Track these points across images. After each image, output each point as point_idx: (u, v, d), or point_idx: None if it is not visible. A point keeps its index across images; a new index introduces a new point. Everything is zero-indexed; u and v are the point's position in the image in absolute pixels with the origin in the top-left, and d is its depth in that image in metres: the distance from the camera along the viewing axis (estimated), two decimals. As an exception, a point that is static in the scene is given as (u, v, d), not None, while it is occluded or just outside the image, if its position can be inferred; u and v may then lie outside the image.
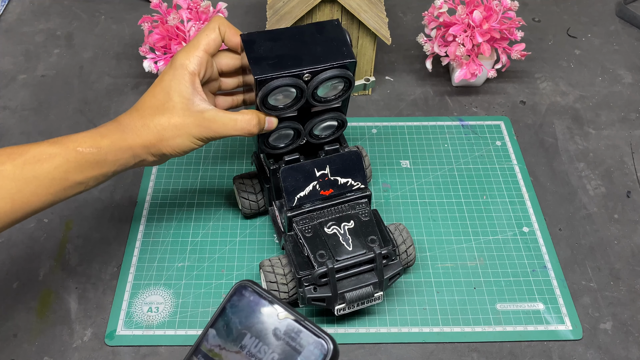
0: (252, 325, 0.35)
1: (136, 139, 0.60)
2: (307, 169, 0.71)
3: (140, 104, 0.62)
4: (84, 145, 0.57)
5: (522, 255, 0.79)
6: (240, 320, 0.35)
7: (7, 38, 1.11)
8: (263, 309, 0.35)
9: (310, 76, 0.64)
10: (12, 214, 0.55)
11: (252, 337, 0.34)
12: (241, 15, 1.16)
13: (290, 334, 0.34)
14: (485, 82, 1.03)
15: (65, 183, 0.56)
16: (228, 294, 0.36)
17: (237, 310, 0.35)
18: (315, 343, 0.34)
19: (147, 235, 0.81)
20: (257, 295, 0.36)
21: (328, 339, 0.34)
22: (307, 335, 0.34)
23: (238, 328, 0.35)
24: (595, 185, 0.89)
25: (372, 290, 0.68)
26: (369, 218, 0.71)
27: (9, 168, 0.53)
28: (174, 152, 0.62)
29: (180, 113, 0.60)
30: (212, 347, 0.34)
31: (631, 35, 1.15)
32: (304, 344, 0.34)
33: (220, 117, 0.61)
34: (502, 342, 0.71)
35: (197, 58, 0.61)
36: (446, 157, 0.91)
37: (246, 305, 0.35)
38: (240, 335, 0.34)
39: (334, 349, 0.34)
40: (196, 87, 0.61)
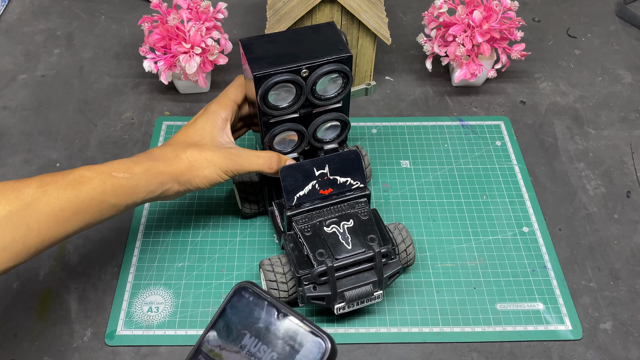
0: (251, 325, 0.35)
1: (167, 167, 0.66)
2: (306, 168, 0.71)
3: (173, 140, 0.69)
4: (119, 171, 0.62)
5: (522, 255, 0.79)
6: (240, 320, 0.35)
7: (7, 38, 1.11)
8: (262, 310, 0.36)
9: (308, 72, 0.65)
10: (56, 232, 0.58)
11: (251, 337, 0.35)
12: (241, 15, 1.17)
13: (289, 333, 0.35)
14: (485, 82, 1.03)
15: (101, 205, 0.61)
16: (228, 295, 0.37)
17: (236, 311, 0.36)
18: (314, 342, 0.34)
19: (147, 235, 0.81)
20: (257, 296, 0.36)
21: (326, 338, 0.35)
22: (305, 334, 0.34)
23: (238, 328, 0.35)
24: (595, 185, 0.89)
25: (372, 289, 0.68)
26: (368, 217, 0.71)
27: (53, 189, 0.58)
28: (201, 182, 0.67)
29: (212, 148, 0.67)
30: (213, 348, 0.35)
31: (631, 35, 1.15)
32: (302, 343, 0.34)
33: (246, 153, 0.69)
34: (502, 342, 0.71)
35: (229, 107, 0.70)
36: (446, 157, 0.91)
37: (246, 306, 0.36)
38: (240, 335, 0.35)
39: (332, 347, 0.34)
40: (226, 130, 0.70)
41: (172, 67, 0.91)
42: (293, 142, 0.72)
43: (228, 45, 0.96)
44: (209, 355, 0.35)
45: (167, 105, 0.99)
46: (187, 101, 0.99)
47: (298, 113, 0.69)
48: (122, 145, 0.92)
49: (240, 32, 1.13)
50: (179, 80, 0.97)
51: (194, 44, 0.89)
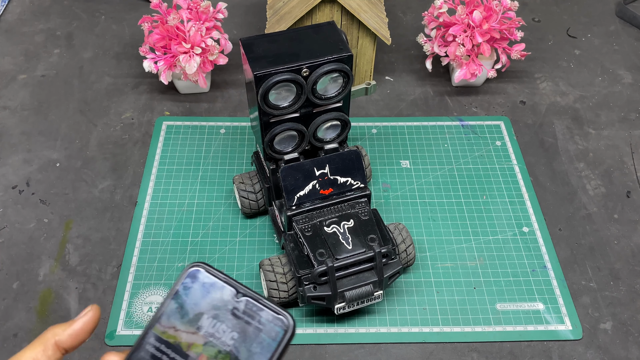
0: (208, 306, 0.34)
1: None
2: (306, 168, 0.71)
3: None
4: None
5: (522, 255, 0.79)
6: (196, 302, 0.34)
7: (7, 38, 1.11)
8: (219, 290, 0.35)
9: (309, 71, 0.65)
10: None
11: (209, 317, 0.34)
12: (241, 15, 1.17)
13: (249, 312, 0.34)
14: (485, 82, 1.03)
15: None
16: (179, 276, 0.36)
17: (190, 292, 0.35)
18: (275, 320, 0.34)
19: (147, 235, 0.81)
20: (212, 276, 0.35)
21: (287, 315, 0.34)
22: (266, 313, 0.34)
23: (193, 309, 0.34)
24: (595, 185, 0.89)
25: (372, 289, 0.68)
26: (368, 217, 0.71)
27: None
28: None
29: None
30: (166, 329, 0.34)
31: (631, 35, 1.15)
32: (263, 322, 0.34)
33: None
34: (502, 342, 0.71)
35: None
36: (446, 157, 0.91)
37: (200, 287, 0.35)
38: (197, 316, 0.34)
39: (293, 324, 0.34)
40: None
41: (172, 67, 0.91)
42: (294, 141, 0.72)
43: (228, 45, 0.96)
44: (162, 338, 0.34)
45: (167, 105, 0.99)
46: (187, 101, 0.99)
47: (298, 112, 0.69)
48: (122, 145, 0.92)
49: (240, 32, 1.13)
50: (179, 80, 0.97)
51: (194, 44, 0.89)
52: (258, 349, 0.33)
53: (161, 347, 0.34)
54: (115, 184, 0.87)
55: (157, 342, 0.34)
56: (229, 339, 0.33)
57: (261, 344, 0.33)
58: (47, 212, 0.84)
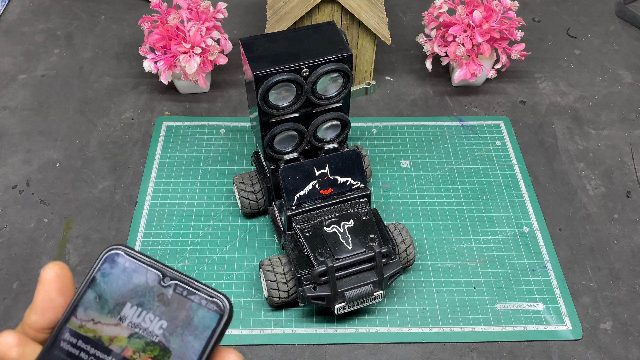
0: (131, 293, 0.31)
1: None
2: (306, 168, 0.71)
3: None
4: None
5: (522, 255, 0.79)
6: (117, 289, 0.31)
7: (7, 38, 1.11)
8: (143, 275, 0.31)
9: (309, 71, 0.65)
10: None
11: (133, 306, 0.30)
12: (241, 15, 1.17)
13: (179, 297, 0.30)
14: (485, 82, 1.03)
15: None
16: (96, 262, 0.32)
17: (110, 278, 0.31)
18: (209, 304, 0.30)
19: (147, 235, 0.81)
20: (134, 259, 0.31)
21: (223, 298, 0.30)
22: (199, 297, 0.30)
23: (115, 298, 0.31)
24: (595, 185, 0.89)
25: (372, 289, 0.68)
26: (368, 217, 0.71)
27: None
28: None
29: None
30: (84, 323, 0.30)
31: (631, 35, 1.14)
32: (195, 307, 0.30)
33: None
34: (502, 342, 0.71)
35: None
36: (446, 157, 0.91)
37: (121, 273, 0.31)
38: (119, 305, 0.30)
39: (230, 308, 0.30)
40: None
41: (172, 67, 0.91)
42: (293, 140, 0.72)
43: (228, 45, 0.96)
44: (79, 332, 0.30)
45: (167, 105, 0.99)
46: (187, 101, 0.99)
47: (298, 112, 0.69)
48: (122, 145, 0.92)
49: (240, 32, 1.13)
50: (179, 80, 0.97)
51: (194, 44, 0.89)
52: (191, 336, 0.30)
53: (78, 343, 0.30)
54: (115, 184, 0.87)
55: (73, 337, 0.30)
56: (158, 329, 0.30)
57: (194, 331, 0.30)
58: (47, 212, 0.84)
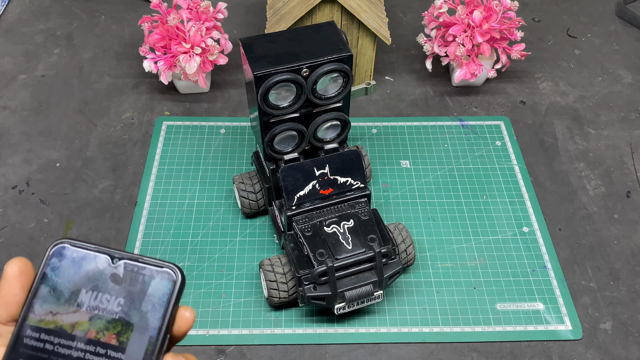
0: (85, 280, 0.32)
1: None
2: (306, 168, 0.71)
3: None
4: None
5: (522, 255, 0.79)
6: (69, 279, 0.32)
7: (7, 38, 1.11)
8: (92, 261, 0.33)
9: (309, 71, 0.65)
10: None
11: (88, 291, 0.32)
12: (241, 15, 1.17)
13: (131, 274, 0.32)
14: (485, 82, 1.03)
15: None
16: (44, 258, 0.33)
17: (60, 271, 0.33)
18: (161, 274, 0.32)
19: (147, 235, 0.81)
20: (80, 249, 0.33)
21: (173, 267, 0.32)
22: (149, 270, 0.32)
23: (69, 288, 0.32)
24: (595, 185, 0.89)
25: (372, 289, 0.68)
26: (368, 217, 0.71)
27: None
28: None
29: None
30: (43, 317, 0.32)
31: (631, 35, 1.14)
32: (148, 280, 0.32)
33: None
34: (502, 342, 0.71)
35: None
36: (446, 157, 0.91)
37: (71, 263, 0.33)
38: (74, 293, 0.32)
39: (181, 273, 0.32)
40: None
41: (172, 67, 0.91)
42: (294, 140, 0.72)
43: (228, 45, 0.96)
44: (40, 326, 0.31)
45: (167, 105, 0.99)
46: (187, 101, 0.99)
47: (298, 112, 0.69)
48: (122, 145, 0.92)
49: (240, 32, 1.13)
50: (179, 80, 0.97)
51: (194, 44, 0.89)
52: (149, 306, 0.32)
53: (41, 336, 0.32)
54: (115, 184, 0.87)
55: (35, 332, 0.32)
56: (116, 306, 0.32)
57: (151, 302, 0.32)
58: (47, 212, 0.84)
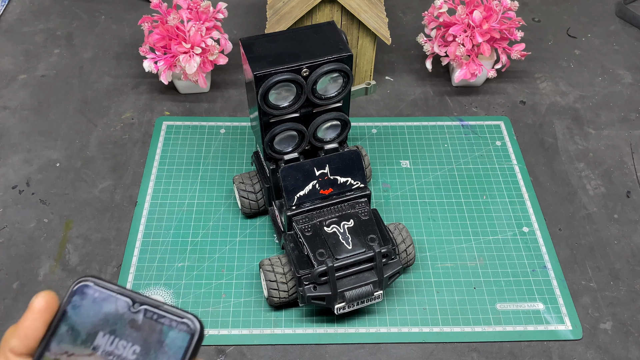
0: (103, 322, 0.32)
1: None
2: (306, 168, 0.71)
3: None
4: None
5: (522, 255, 0.79)
6: (88, 320, 0.32)
7: (7, 38, 1.11)
8: (112, 303, 0.32)
9: (309, 71, 0.65)
10: None
11: (105, 335, 0.31)
12: (241, 15, 1.17)
13: (150, 322, 0.31)
14: (485, 82, 1.03)
15: None
16: (67, 295, 0.32)
17: (81, 310, 0.32)
18: (180, 325, 0.32)
19: (147, 235, 0.81)
20: (103, 289, 0.32)
21: (193, 318, 0.32)
22: (169, 319, 0.32)
23: (87, 329, 0.31)
24: (595, 185, 0.89)
25: (372, 289, 0.68)
26: (368, 217, 0.71)
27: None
28: None
29: None
30: (58, 357, 0.31)
31: (631, 35, 1.14)
32: (166, 330, 0.31)
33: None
34: (502, 342, 0.71)
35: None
36: (446, 157, 0.91)
37: (91, 303, 0.32)
38: (91, 335, 0.31)
39: (200, 327, 0.32)
40: None
41: (172, 67, 0.91)
42: (293, 140, 0.72)
43: (228, 45, 0.96)
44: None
45: (167, 105, 0.99)
46: (187, 101, 0.99)
47: (298, 112, 0.69)
48: (122, 145, 0.92)
49: (240, 32, 1.13)
50: (179, 80, 0.97)
51: (194, 44, 0.89)
52: (164, 358, 0.31)
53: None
54: (115, 184, 0.87)
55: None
56: (131, 354, 0.31)
57: (167, 353, 0.31)
58: (47, 212, 0.84)
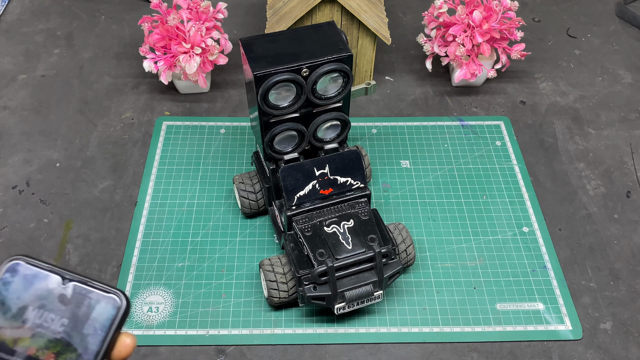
0: (33, 297, 0.34)
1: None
2: (306, 168, 0.71)
3: None
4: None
5: (522, 255, 0.79)
6: (18, 295, 0.34)
7: (7, 38, 1.11)
8: (43, 280, 0.34)
9: (309, 71, 0.65)
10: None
11: (34, 309, 0.33)
12: (241, 15, 1.17)
13: (78, 296, 0.34)
14: (485, 82, 1.03)
15: None
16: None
17: (11, 286, 0.34)
18: (107, 299, 0.34)
19: (147, 235, 0.81)
20: (33, 267, 0.34)
21: (119, 293, 0.34)
22: (96, 294, 0.34)
23: (16, 303, 0.34)
24: (595, 185, 0.89)
25: (372, 289, 0.68)
26: (368, 217, 0.71)
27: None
28: None
29: None
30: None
31: (631, 35, 1.14)
32: (93, 304, 0.34)
33: None
34: (502, 342, 0.71)
35: None
36: (446, 157, 0.91)
37: (22, 280, 0.34)
38: (21, 310, 0.33)
39: (127, 302, 0.34)
40: None
41: (172, 67, 0.91)
42: (293, 140, 0.72)
43: (228, 45, 0.96)
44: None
45: (167, 105, 0.99)
46: (187, 101, 0.99)
47: (298, 112, 0.69)
48: (122, 145, 0.92)
49: (240, 32, 1.13)
50: (179, 80, 0.97)
51: (194, 44, 0.89)
52: (91, 330, 0.33)
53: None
54: (115, 184, 0.87)
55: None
56: (59, 326, 0.33)
57: (93, 325, 0.33)
58: (47, 212, 0.84)
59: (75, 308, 0.34)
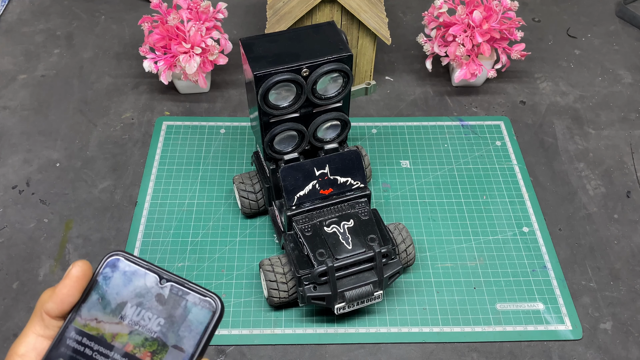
0: (131, 294, 0.34)
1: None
2: (306, 168, 0.71)
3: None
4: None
5: (522, 255, 0.79)
6: (118, 291, 0.34)
7: (7, 38, 1.11)
8: (141, 277, 0.34)
9: (309, 71, 0.65)
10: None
11: (133, 306, 0.34)
12: (241, 15, 1.17)
13: (175, 297, 0.34)
14: (485, 82, 1.03)
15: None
16: (99, 266, 0.35)
17: (111, 281, 0.34)
18: (203, 302, 0.34)
19: (147, 235, 0.81)
20: (132, 264, 0.35)
21: (215, 297, 0.34)
22: (193, 296, 0.34)
23: (116, 299, 0.34)
24: (595, 185, 0.89)
25: (372, 289, 0.68)
26: (368, 217, 0.71)
27: None
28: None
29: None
30: (88, 322, 0.33)
31: (631, 35, 1.14)
32: (190, 306, 0.34)
33: None
34: (502, 342, 0.71)
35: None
36: (446, 157, 0.91)
37: (121, 276, 0.34)
38: (120, 305, 0.34)
39: (221, 306, 0.34)
40: None
41: (172, 67, 0.91)
42: (293, 140, 0.72)
43: (228, 45, 0.96)
44: (84, 330, 0.33)
45: (167, 105, 0.99)
46: (187, 101, 0.99)
47: (298, 112, 0.69)
48: (122, 145, 0.92)
49: (240, 32, 1.13)
50: (179, 80, 0.97)
51: (194, 44, 0.89)
52: (186, 332, 0.33)
53: (83, 340, 0.33)
54: (115, 184, 0.87)
55: (78, 335, 0.33)
56: (155, 326, 0.33)
57: (189, 327, 0.33)
58: (47, 212, 0.84)
59: (172, 309, 0.34)
